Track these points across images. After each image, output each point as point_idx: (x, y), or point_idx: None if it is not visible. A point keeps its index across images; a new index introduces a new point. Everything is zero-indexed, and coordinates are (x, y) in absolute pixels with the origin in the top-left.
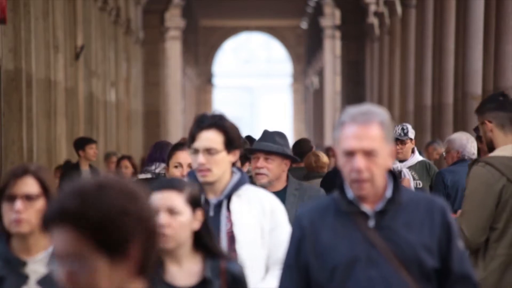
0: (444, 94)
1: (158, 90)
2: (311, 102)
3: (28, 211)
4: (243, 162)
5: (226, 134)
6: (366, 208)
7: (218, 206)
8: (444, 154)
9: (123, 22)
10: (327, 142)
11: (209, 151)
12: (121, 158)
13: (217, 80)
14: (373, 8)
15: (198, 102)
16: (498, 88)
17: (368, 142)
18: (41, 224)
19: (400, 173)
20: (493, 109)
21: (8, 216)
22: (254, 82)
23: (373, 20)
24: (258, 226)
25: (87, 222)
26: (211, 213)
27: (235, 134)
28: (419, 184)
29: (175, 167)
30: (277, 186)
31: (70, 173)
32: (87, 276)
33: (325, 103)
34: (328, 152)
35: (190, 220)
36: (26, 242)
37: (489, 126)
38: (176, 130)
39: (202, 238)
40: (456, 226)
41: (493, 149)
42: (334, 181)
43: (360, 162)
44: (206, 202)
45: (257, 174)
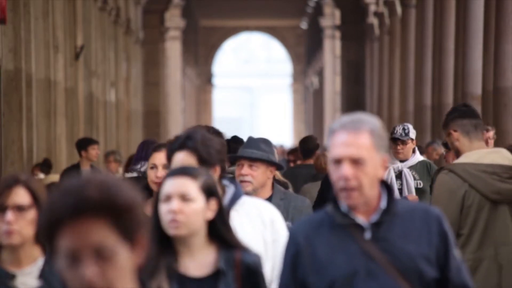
0: (444, 94)
1: (158, 90)
2: (311, 102)
3: (19, 222)
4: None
5: (198, 153)
6: (361, 220)
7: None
8: (444, 153)
9: (123, 22)
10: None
11: None
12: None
13: (217, 80)
14: (373, 8)
15: (198, 102)
16: (498, 88)
17: (355, 149)
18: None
19: (400, 173)
20: (457, 118)
21: None
22: (254, 82)
23: (373, 20)
24: (260, 239)
25: (112, 209)
26: None
27: (210, 150)
28: (420, 184)
29: (151, 168)
30: (262, 194)
31: (71, 173)
32: (115, 267)
33: (325, 103)
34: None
35: (203, 208)
36: (16, 254)
37: (455, 135)
38: (176, 130)
39: (217, 229)
40: (452, 235)
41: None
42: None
43: (346, 170)
44: None
45: (241, 181)
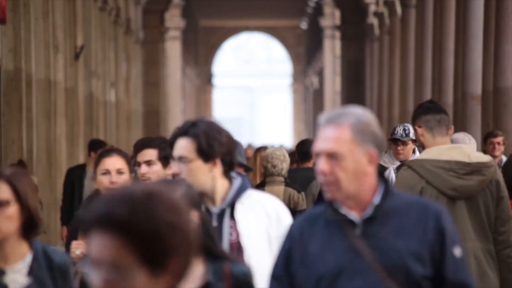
0: (444, 94)
1: (158, 90)
2: (311, 102)
3: None
4: (165, 164)
5: (198, 142)
6: (354, 215)
7: (221, 215)
8: None
9: (123, 22)
10: None
11: (181, 159)
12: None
13: (217, 80)
14: (373, 8)
15: (198, 102)
16: (498, 88)
17: (330, 144)
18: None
19: None
20: (421, 114)
21: None
22: (254, 82)
23: (373, 20)
24: (265, 234)
25: (135, 233)
26: (214, 223)
27: (211, 141)
28: None
29: (103, 174)
30: None
31: (76, 173)
32: (125, 287)
33: (325, 103)
34: None
35: None
36: (1, 250)
37: (419, 131)
38: None
39: (201, 241)
40: (453, 232)
41: None
42: None
43: (322, 164)
44: (207, 211)
45: None
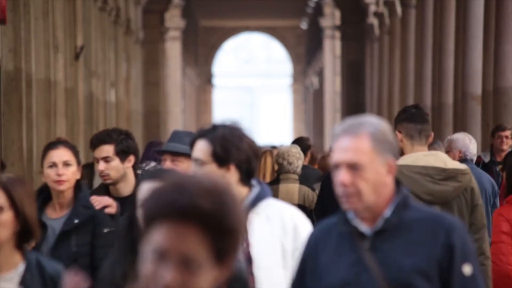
0: (444, 94)
1: (158, 90)
2: (311, 102)
3: None
4: (123, 159)
5: (214, 146)
6: (364, 227)
7: None
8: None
9: (123, 22)
10: (327, 142)
11: (197, 162)
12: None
13: (217, 80)
14: (373, 8)
15: (198, 102)
16: (498, 88)
17: (352, 154)
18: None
19: None
20: (403, 120)
21: None
22: (254, 82)
23: (373, 20)
24: (279, 247)
25: (219, 227)
26: None
27: (228, 147)
28: None
29: (50, 167)
30: None
31: (84, 172)
32: (195, 280)
33: (325, 103)
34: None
35: None
36: None
37: (399, 136)
38: None
39: None
40: (464, 249)
41: None
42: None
43: (343, 176)
44: None
45: None
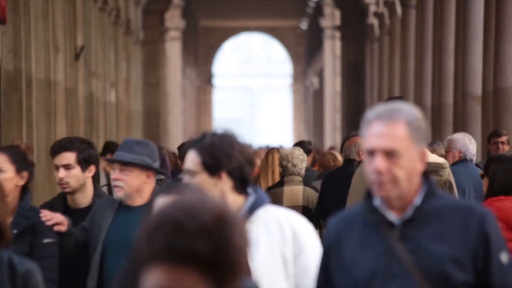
0: (444, 95)
1: (158, 91)
2: (311, 103)
3: None
4: (84, 168)
5: (202, 155)
6: (393, 216)
7: None
8: (444, 153)
9: (123, 22)
10: (327, 142)
11: (188, 172)
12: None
13: (217, 80)
14: (373, 8)
15: (198, 102)
16: (498, 88)
17: (389, 141)
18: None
19: None
20: None
21: None
22: (254, 82)
23: (373, 20)
24: (278, 255)
25: (216, 266)
26: None
27: (217, 155)
28: None
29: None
30: (137, 201)
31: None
32: None
33: (325, 104)
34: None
35: None
36: None
37: None
38: (176, 130)
39: None
40: (499, 237)
41: None
42: (333, 182)
43: (379, 162)
44: None
45: (114, 186)
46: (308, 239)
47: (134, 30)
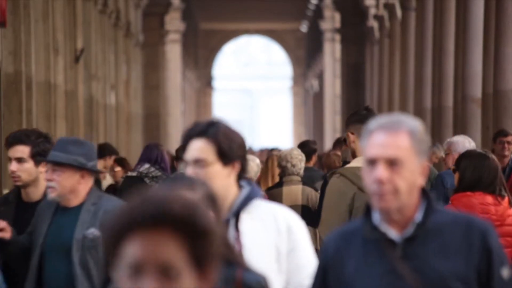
0: (444, 97)
1: (158, 93)
2: (311, 105)
3: None
4: (37, 163)
5: (218, 144)
6: (394, 234)
7: (225, 225)
8: (443, 155)
9: (123, 25)
10: (327, 145)
11: (198, 163)
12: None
13: (217, 83)
14: (373, 11)
15: (198, 105)
16: (498, 90)
17: (392, 150)
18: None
19: None
20: (355, 122)
21: None
22: (254, 85)
23: (373, 23)
24: (273, 248)
25: (193, 230)
26: None
27: (231, 144)
28: None
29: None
30: (73, 201)
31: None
32: None
33: (325, 106)
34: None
35: None
36: None
37: (351, 137)
38: (176, 133)
39: None
40: (500, 251)
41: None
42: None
43: (381, 171)
44: None
45: (47, 187)
46: (301, 236)
47: (134, 33)
